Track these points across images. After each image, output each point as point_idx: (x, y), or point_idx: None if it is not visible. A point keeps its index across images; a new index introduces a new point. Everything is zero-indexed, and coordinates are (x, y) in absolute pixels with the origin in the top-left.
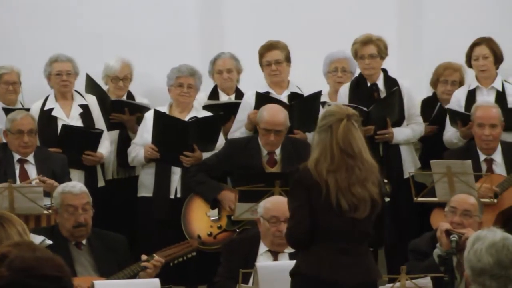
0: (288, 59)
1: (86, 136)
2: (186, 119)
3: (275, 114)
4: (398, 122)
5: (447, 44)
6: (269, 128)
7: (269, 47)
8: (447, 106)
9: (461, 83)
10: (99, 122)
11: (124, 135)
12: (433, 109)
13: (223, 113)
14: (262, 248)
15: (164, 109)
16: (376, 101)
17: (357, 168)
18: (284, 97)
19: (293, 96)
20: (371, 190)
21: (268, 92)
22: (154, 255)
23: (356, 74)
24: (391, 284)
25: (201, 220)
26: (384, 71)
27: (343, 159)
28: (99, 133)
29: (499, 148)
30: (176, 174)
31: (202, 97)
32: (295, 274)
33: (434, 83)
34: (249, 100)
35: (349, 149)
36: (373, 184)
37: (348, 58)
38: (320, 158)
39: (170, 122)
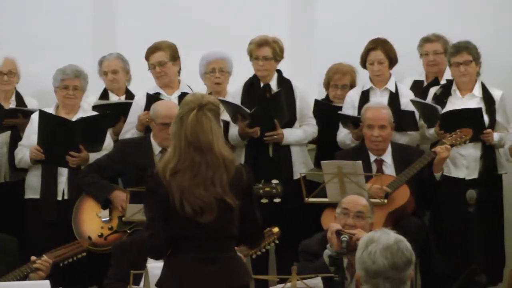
0: (174, 58)
1: None
2: (73, 120)
3: (172, 108)
4: (290, 123)
5: (339, 45)
6: (168, 122)
7: (153, 49)
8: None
9: (352, 85)
10: None
11: (16, 137)
12: (325, 110)
13: (113, 113)
14: None
15: (50, 110)
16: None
17: (204, 164)
18: (174, 97)
19: (184, 96)
20: (216, 192)
21: (158, 93)
22: (44, 255)
23: (233, 74)
24: (282, 285)
25: (92, 221)
26: (279, 72)
27: (190, 155)
28: None
29: (389, 149)
30: (63, 175)
31: (93, 100)
32: None
33: (326, 85)
34: (139, 102)
35: (196, 142)
36: (220, 184)
37: (225, 58)
38: (169, 157)
39: (55, 122)
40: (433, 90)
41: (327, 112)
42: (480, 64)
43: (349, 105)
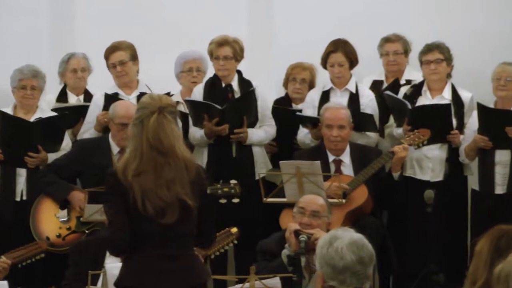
0: (133, 58)
1: None
2: (31, 120)
3: (130, 108)
4: (252, 124)
5: (297, 45)
6: (126, 122)
7: (113, 49)
8: (299, 112)
9: (311, 82)
10: None
11: None
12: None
13: (72, 115)
14: None
15: (8, 110)
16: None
17: (167, 166)
18: (133, 97)
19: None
20: (178, 192)
21: (117, 93)
22: (2, 256)
23: (208, 74)
24: (240, 285)
25: (50, 221)
26: (239, 72)
27: (153, 158)
28: None
29: (347, 149)
30: (21, 176)
31: (50, 98)
32: (118, 287)
33: (285, 83)
34: (98, 102)
35: (159, 146)
36: (181, 185)
37: (202, 58)
38: (130, 158)
39: (13, 122)
40: (403, 90)
41: (285, 116)
42: (452, 66)
43: (309, 104)
